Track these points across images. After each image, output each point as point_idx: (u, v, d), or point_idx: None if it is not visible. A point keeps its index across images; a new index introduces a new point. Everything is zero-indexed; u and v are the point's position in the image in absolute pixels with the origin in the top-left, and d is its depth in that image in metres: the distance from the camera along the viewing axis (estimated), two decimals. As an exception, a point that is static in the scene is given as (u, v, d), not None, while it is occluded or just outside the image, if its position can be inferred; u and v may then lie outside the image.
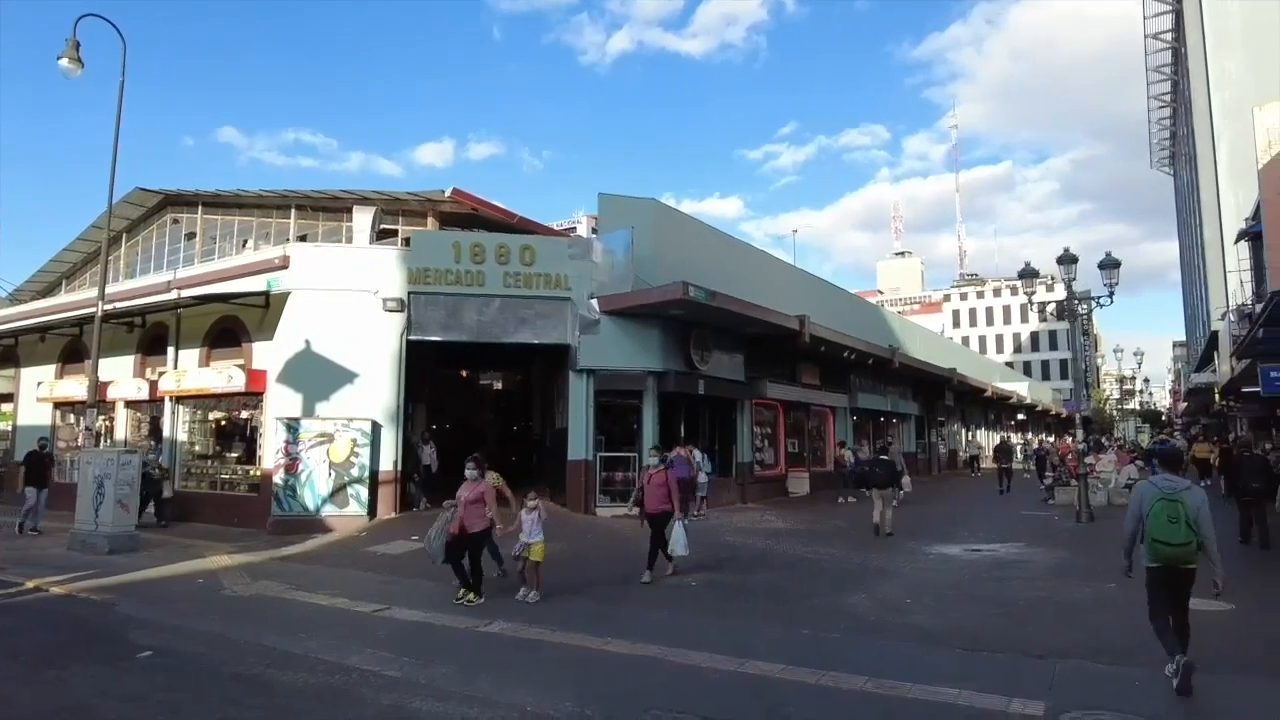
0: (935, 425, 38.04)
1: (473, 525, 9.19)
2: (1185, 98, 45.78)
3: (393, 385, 16.30)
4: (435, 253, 16.64)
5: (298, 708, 5.76)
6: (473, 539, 9.25)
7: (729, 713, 5.41)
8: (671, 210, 19.70)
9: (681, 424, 18.58)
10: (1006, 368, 70.74)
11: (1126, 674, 6.27)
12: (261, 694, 6.08)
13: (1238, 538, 13.19)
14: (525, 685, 6.07)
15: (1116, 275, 16.97)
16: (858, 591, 9.66)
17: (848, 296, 33.18)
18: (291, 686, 6.21)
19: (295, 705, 5.81)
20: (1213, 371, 36.46)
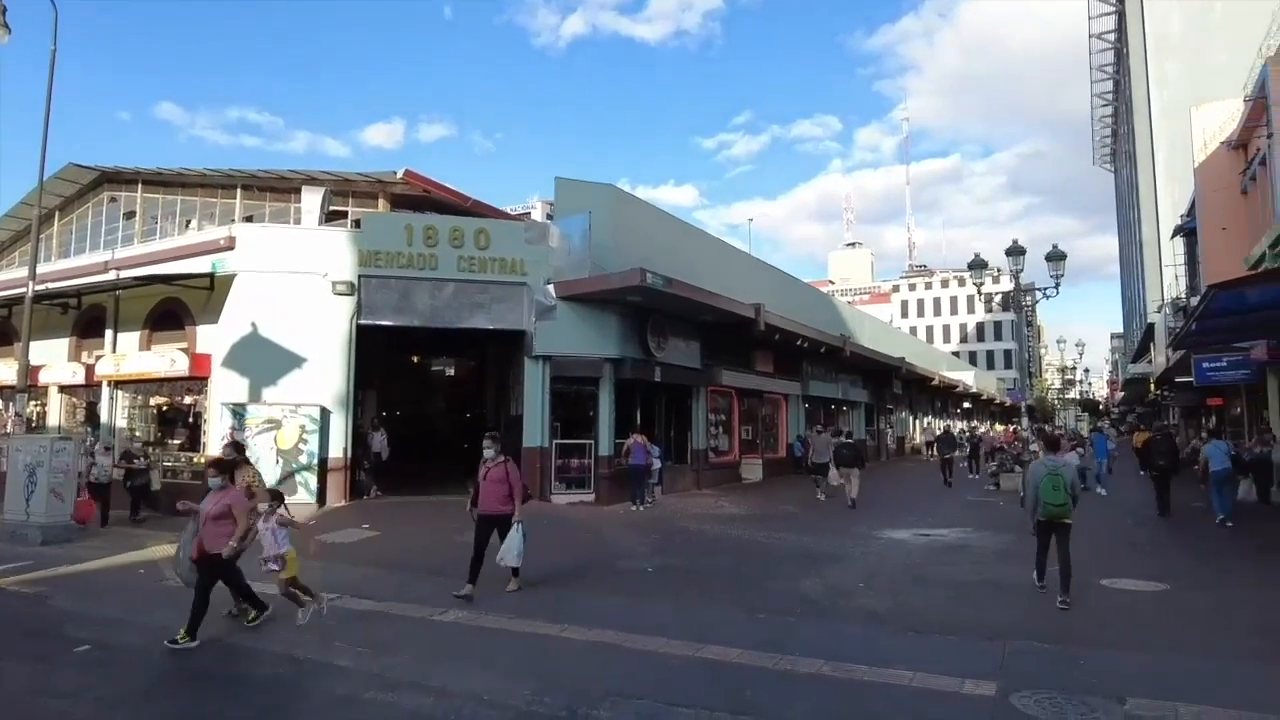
0: (884, 413, 38.74)
1: (213, 546, 7.09)
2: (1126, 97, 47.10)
3: (342, 370, 15.95)
4: (387, 235, 16.30)
5: (244, 700, 5.60)
6: (221, 565, 7.15)
7: (689, 698, 5.41)
8: (629, 196, 19.60)
9: (638, 411, 18.57)
10: (953, 357, 72.31)
11: (1071, 653, 6.45)
12: (205, 687, 5.90)
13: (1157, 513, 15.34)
14: (482, 673, 5.99)
15: (1062, 267, 17.41)
16: (812, 575, 9.77)
17: (801, 286, 33.50)
18: (237, 679, 6.03)
19: (241, 697, 5.64)
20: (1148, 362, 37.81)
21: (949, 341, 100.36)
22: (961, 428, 45.09)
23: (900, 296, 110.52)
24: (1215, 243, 22.93)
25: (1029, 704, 5.22)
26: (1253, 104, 20.39)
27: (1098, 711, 5.08)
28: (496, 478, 9.01)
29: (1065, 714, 5.06)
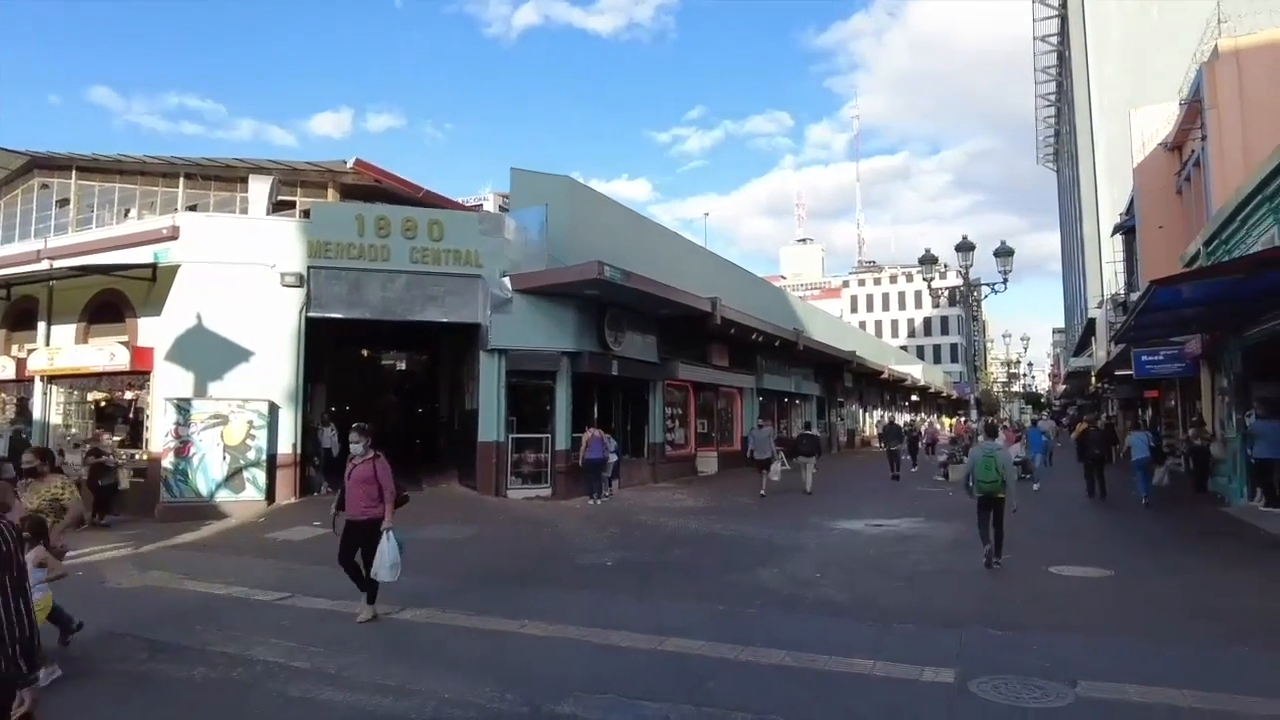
0: (835, 406, 39.31)
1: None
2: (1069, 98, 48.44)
3: (291, 364, 15.57)
4: (337, 225, 15.93)
5: (193, 702, 5.42)
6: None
7: (652, 691, 5.39)
8: (585, 188, 19.45)
9: (595, 405, 18.51)
10: (902, 351, 73.69)
11: (1023, 638, 6.61)
12: (153, 691, 5.69)
13: (1087, 495, 17.07)
14: (442, 672, 5.89)
15: (1010, 263, 17.80)
16: (769, 566, 9.85)
17: (755, 280, 33.73)
18: (188, 682, 5.83)
19: (190, 701, 5.46)
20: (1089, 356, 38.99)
21: (897, 336, 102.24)
22: (908, 420, 45.89)
23: (850, 292, 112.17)
24: (1153, 240, 23.75)
25: (986, 689, 5.33)
26: (1187, 107, 21.12)
27: (1051, 694, 5.21)
28: (362, 477, 7.58)
29: (1021, 697, 5.18)
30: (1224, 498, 16.11)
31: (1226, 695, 5.17)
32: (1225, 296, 12.18)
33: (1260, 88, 16.99)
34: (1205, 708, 5.01)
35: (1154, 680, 5.49)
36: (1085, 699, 5.16)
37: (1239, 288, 11.41)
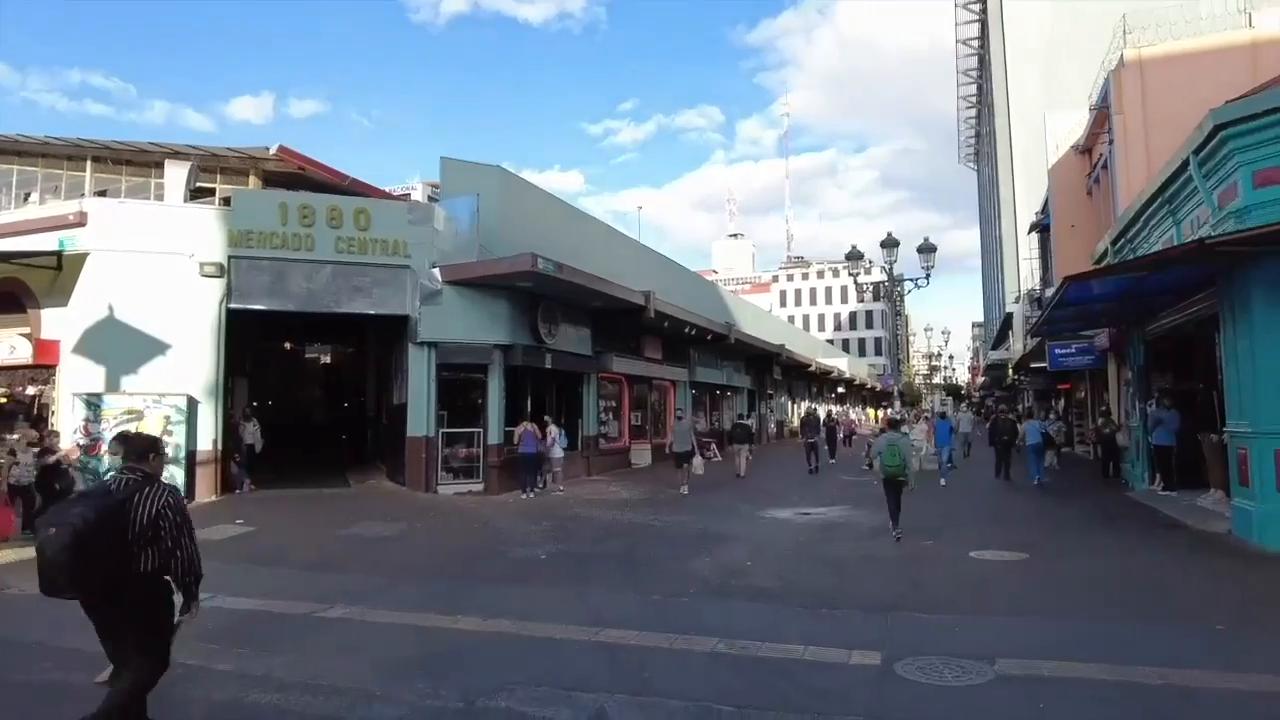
0: (765, 398, 39.99)
1: None
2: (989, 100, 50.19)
3: (212, 357, 15.01)
4: (259, 214, 15.39)
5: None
6: None
7: (588, 681, 5.41)
8: (517, 179, 19.26)
9: (528, 398, 18.37)
10: (829, 345, 75.40)
11: (946, 620, 6.88)
12: (63, 702, 5.41)
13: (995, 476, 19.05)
14: (374, 669, 5.78)
15: (932, 259, 18.41)
16: (702, 556, 9.97)
17: (688, 274, 34.00)
18: (100, 692, 5.55)
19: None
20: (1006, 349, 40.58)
21: (824, 330, 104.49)
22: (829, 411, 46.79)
23: (779, 286, 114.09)
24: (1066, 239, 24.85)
25: (911, 670, 5.52)
26: (1096, 113, 22.14)
27: (971, 673, 5.43)
28: None
29: (943, 677, 5.39)
30: (1129, 483, 17.02)
31: (1128, 667, 5.49)
32: (1130, 292, 12.87)
33: (1161, 96, 17.92)
34: (1109, 679, 5.31)
35: (1066, 656, 5.79)
36: (1003, 676, 5.40)
37: (1141, 284, 12.07)
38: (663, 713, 4.84)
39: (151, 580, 4.16)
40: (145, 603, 4.15)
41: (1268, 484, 9.68)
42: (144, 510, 4.10)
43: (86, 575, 3.90)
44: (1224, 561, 9.22)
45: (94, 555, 3.89)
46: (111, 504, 4.04)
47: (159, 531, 4.12)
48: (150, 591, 4.17)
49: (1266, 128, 9.45)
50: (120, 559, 4.01)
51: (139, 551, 4.08)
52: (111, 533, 3.96)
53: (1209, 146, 10.35)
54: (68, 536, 3.84)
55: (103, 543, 3.92)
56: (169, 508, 4.19)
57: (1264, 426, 9.73)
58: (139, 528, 4.07)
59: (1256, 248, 9.23)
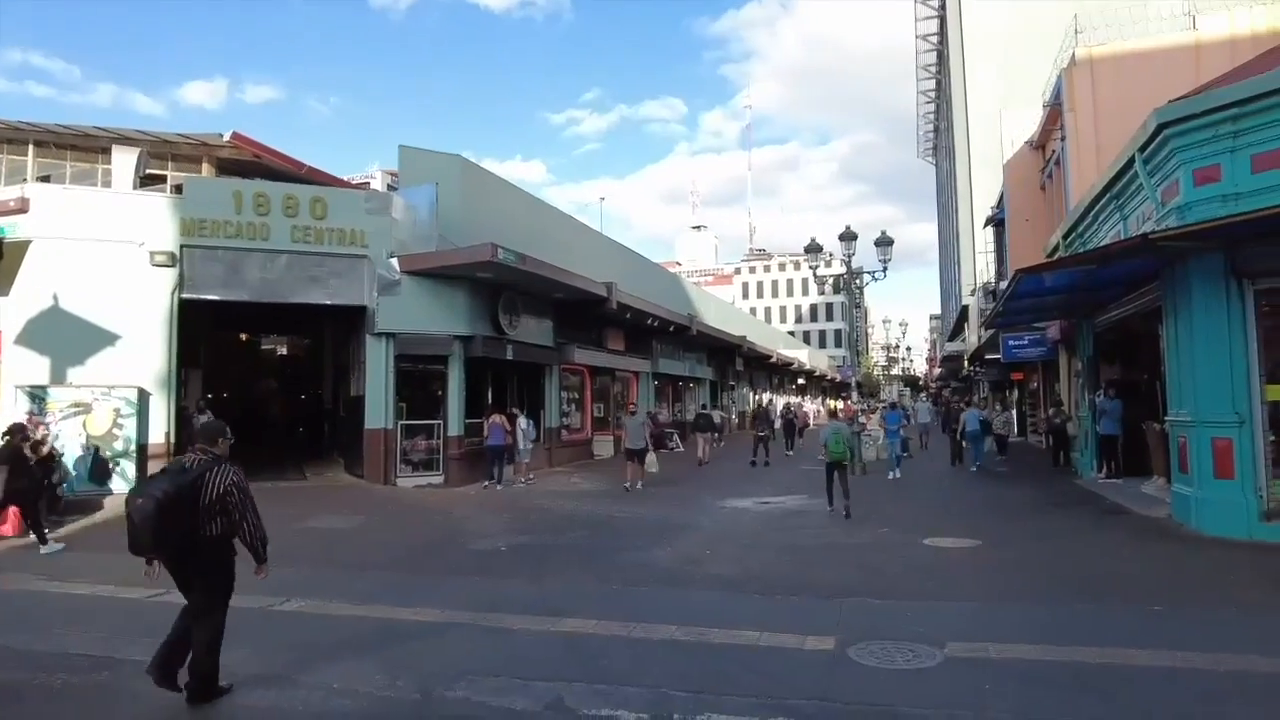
0: (727, 389, 40.28)
1: None
2: (947, 95, 50.93)
3: (163, 348, 14.67)
4: (213, 202, 15.06)
5: (53, 713, 5.08)
6: None
7: (546, 671, 5.44)
8: (477, 168, 19.08)
9: (489, 390, 18.28)
10: (790, 336, 76.09)
11: (899, 606, 7.04)
12: (5, 703, 5.29)
13: (951, 464, 20.20)
14: (330, 662, 5.75)
15: (890, 252, 18.69)
16: (662, 546, 10.06)
17: (651, 266, 34.06)
18: (46, 689, 5.44)
19: (50, 712, 5.11)
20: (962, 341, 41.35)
21: (786, 321, 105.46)
22: (787, 403, 47.16)
23: (742, 279, 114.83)
24: (1020, 232, 25.39)
25: (863, 654, 5.65)
26: (1049, 110, 22.63)
27: (922, 656, 5.58)
28: None
29: (894, 660, 5.52)
30: (1078, 471, 17.51)
31: (1070, 647, 5.69)
32: (1080, 285, 13.20)
33: (1111, 94, 18.40)
34: (1052, 659, 5.50)
35: (1012, 638, 5.97)
36: (952, 659, 5.55)
37: (1090, 277, 12.38)
38: (619, 699, 4.89)
39: (218, 544, 5.00)
40: (212, 562, 5.04)
41: (1205, 470, 10.04)
42: (213, 486, 4.90)
43: (165, 538, 4.78)
44: (1163, 545, 9.56)
45: (171, 522, 4.73)
46: (186, 480, 4.86)
47: (226, 505, 4.93)
48: (217, 553, 5.03)
49: (1205, 127, 9.76)
50: (192, 526, 4.84)
51: (208, 520, 4.90)
52: (186, 504, 4.80)
53: (1153, 145, 10.65)
54: (151, 505, 4.69)
55: (179, 512, 4.76)
56: (234, 485, 4.97)
57: (1202, 415, 10.07)
58: (208, 500, 4.88)
59: (1196, 243, 9.53)
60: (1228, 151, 9.70)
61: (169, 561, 5.02)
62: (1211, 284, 9.99)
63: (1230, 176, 9.67)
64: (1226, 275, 9.83)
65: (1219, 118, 9.62)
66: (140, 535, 4.77)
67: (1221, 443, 9.86)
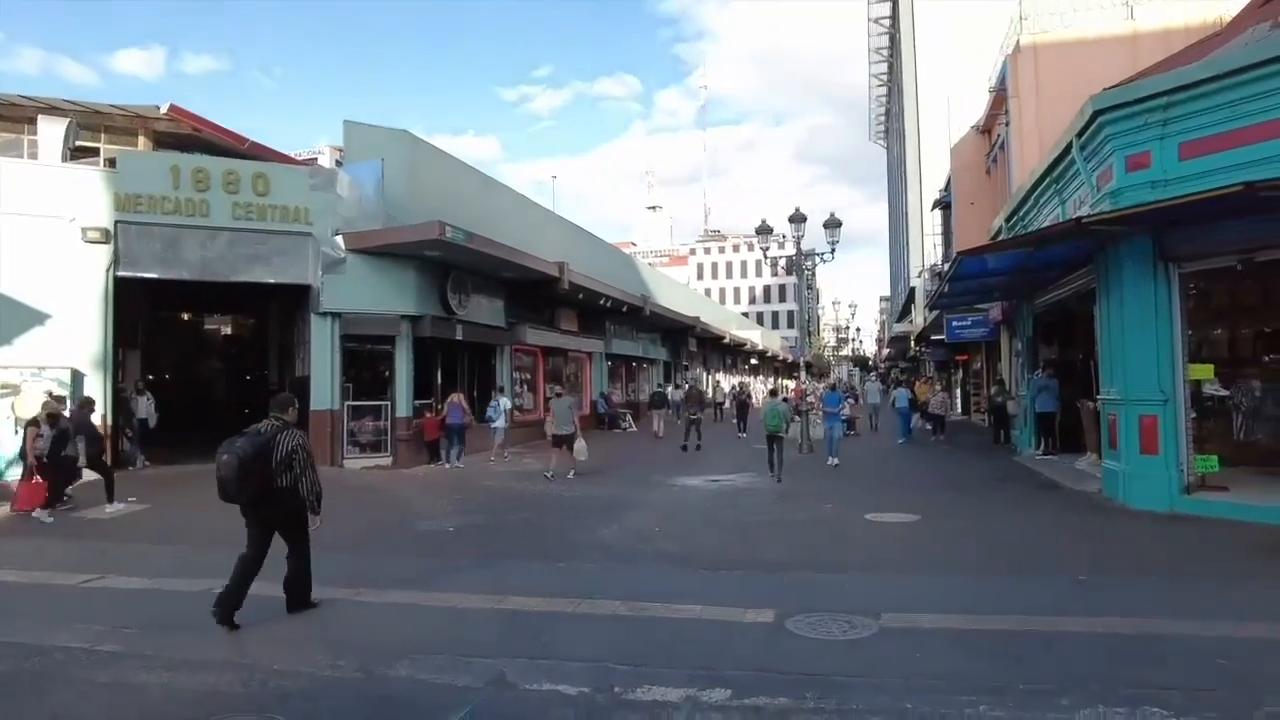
0: (681, 370, 40.51)
1: None
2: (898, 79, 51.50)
3: (98, 328, 14.25)
4: (149, 176, 14.61)
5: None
6: None
7: (489, 648, 5.48)
8: (426, 144, 18.75)
9: (438, 370, 18.12)
10: (743, 317, 76.69)
11: (839, 579, 7.24)
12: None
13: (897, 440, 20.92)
14: (273, 644, 5.71)
15: (838, 234, 18.93)
16: (611, 524, 10.14)
17: (604, 246, 33.95)
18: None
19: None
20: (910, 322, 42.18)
21: (740, 303, 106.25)
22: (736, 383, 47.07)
23: (697, 259, 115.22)
24: (966, 216, 25.94)
25: (801, 625, 5.80)
26: (995, 95, 23.08)
27: (858, 627, 5.75)
28: None
29: (831, 631, 5.68)
30: (1017, 448, 18.07)
31: (999, 616, 5.93)
32: (1020, 268, 13.57)
33: (1053, 81, 18.82)
34: (981, 628, 5.72)
35: (945, 609, 6.19)
36: (886, 629, 5.73)
37: (1030, 260, 12.74)
38: (560, 674, 4.95)
39: (287, 493, 6.10)
40: (284, 508, 6.18)
41: (1132, 446, 10.47)
42: (282, 447, 6.03)
43: (245, 487, 5.90)
44: (1092, 519, 9.95)
45: (249, 475, 5.88)
46: (261, 441, 6.00)
47: (291, 462, 6.06)
48: (286, 501, 6.14)
49: (1137, 115, 10.07)
50: (266, 479, 5.96)
51: (278, 474, 6.01)
52: (261, 460, 5.93)
53: (1089, 131, 10.96)
54: (235, 461, 5.85)
55: (255, 466, 5.89)
56: (299, 446, 6.13)
57: (1132, 394, 10.48)
58: (278, 458, 5.99)
59: (1126, 227, 9.87)
60: (1158, 139, 10.04)
61: (246, 507, 6.09)
62: (1141, 267, 10.37)
63: (1160, 163, 10.02)
64: (1155, 259, 10.21)
65: (1150, 106, 9.95)
66: (227, 485, 5.90)
67: (1148, 420, 10.29)
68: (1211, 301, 12.53)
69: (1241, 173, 8.56)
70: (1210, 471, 10.06)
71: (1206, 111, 9.57)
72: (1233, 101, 9.32)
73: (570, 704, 4.56)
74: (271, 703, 4.67)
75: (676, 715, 4.33)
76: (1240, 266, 9.96)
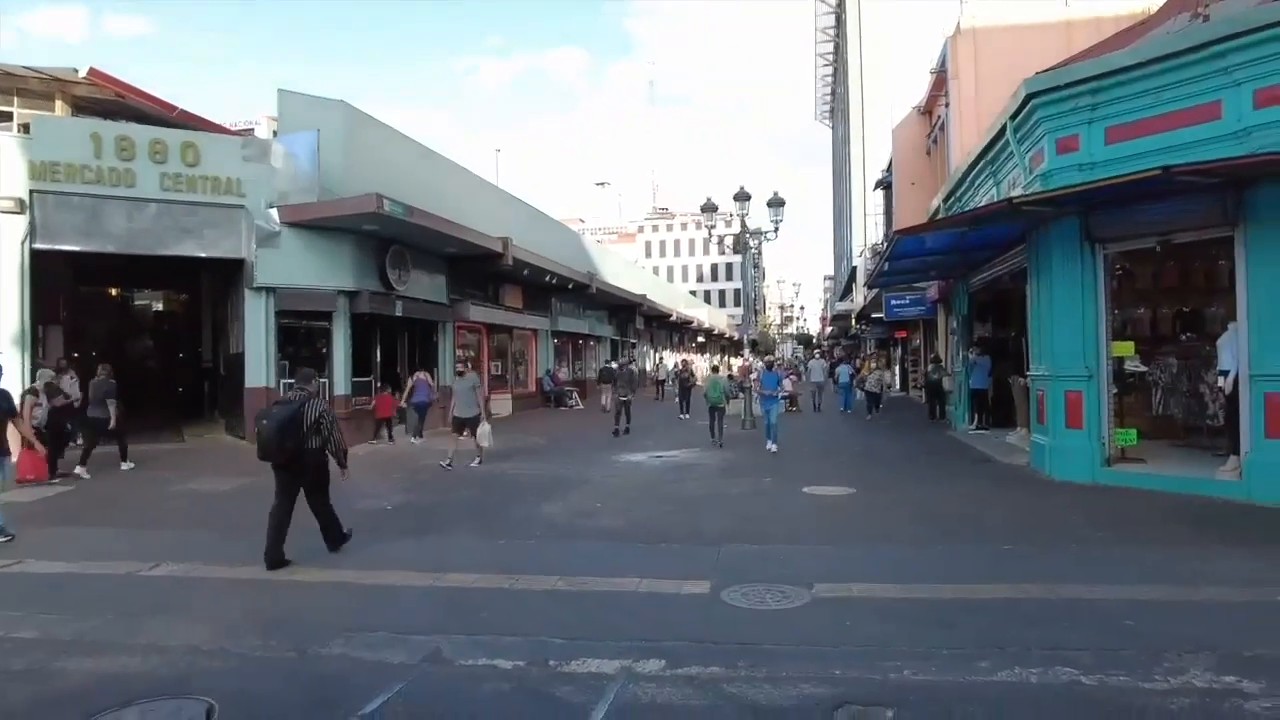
0: (628, 348, 40.56)
1: None
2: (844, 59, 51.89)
3: (15, 304, 13.62)
4: (68, 144, 13.94)
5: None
6: None
7: (425, 625, 5.45)
8: (364, 115, 18.25)
9: (378, 347, 17.80)
10: (690, 295, 76.94)
11: (776, 551, 7.38)
12: None
13: None
14: (200, 624, 5.57)
15: (782, 213, 19.09)
16: (554, 500, 10.14)
17: (551, 222, 33.60)
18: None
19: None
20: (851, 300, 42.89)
21: (688, 281, 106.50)
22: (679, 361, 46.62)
23: (645, 237, 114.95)
24: (907, 196, 26.41)
25: (735, 596, 5.91)
26: (936, 76, 23.44)
27: (791, 597, 5.88)
28: None
29: (765, 601, 5.81)
30: (952, 424, 18.60)
31: (926, 585, 6.13)
32: (956, 247, 13.89)
33: (992, 63, 19.22)
34: (910, 596, 5.91)
35: (876, 578, 6.37)
36: (818, 599, 5.87)
37: (965, 239, 13.06)
38: (497, 649, 4.96)
39: (316, 454, 7.22)
40: (313, 467, 7.27)
41: (1058, 421, 10.87)
42: (311, 412, 7.07)
43: (282, 448, 6.91)
44: (1019, 491, 10.33)
45: (285, 437, 6.88)
46: (293, 409, 7.03)
47: (320, 427, 7.13)
48: (316, 460, 7.26)
49: (1067, 99, 10.36)
50: (299, 440, 6.98)
51: (309, 436, 7.05)
52: (295, 424, 6.94)
53: (1023, 113, 11.24)
54: (274, 426, 6.86)
55: (291, 430, 6.91)
56: (325, 413, 7.26)
57: (1058, 370, 10.86)
58: (308, 423, 7.02)
59: (1055, 208, 10.18)
60: (1086, 123, 10.35)
61: (280, 466, 7.07)
62: (1069, 247, 10.71)
63: (1087, 147, 10.34)
64: (1082, 240, 10.55)
65: (1078, 91, 10.24)
66: (268, 445, 6.92)
67: (1073, 395, 10.68)
68: (1135, 282, 13.03)
69: (1162, 157, 8.89)
70: (1129, 444, 10.53)
71: (1131, 98, 9.90)
72: (1155, 89, 9.65)
73: (506, 678, 4.58)
74: (199, 685, 4.57)
75: (611, 686, 4.38)
76: (1159, 248, 10.38)
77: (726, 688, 4.36)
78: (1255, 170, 8.47)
